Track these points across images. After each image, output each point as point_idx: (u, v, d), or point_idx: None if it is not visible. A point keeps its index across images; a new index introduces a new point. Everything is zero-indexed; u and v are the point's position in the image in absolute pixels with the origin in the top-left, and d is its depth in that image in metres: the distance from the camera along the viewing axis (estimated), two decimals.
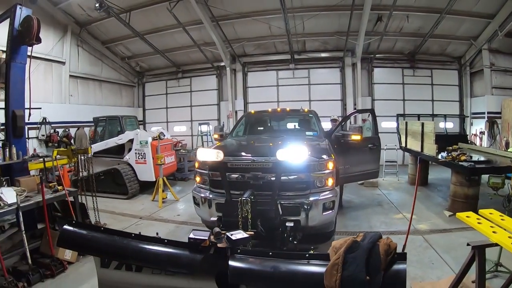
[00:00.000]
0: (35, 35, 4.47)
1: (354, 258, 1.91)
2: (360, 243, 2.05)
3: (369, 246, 1.99)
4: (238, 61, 14.62)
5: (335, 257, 1.96)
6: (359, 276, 1.82)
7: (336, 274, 1.85)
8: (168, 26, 12.50)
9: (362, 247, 2.00)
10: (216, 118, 15.63)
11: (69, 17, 12.08)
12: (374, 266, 1.87)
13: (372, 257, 1.91)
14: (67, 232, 2.84)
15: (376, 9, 10.97)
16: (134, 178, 8.92)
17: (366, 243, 2.04)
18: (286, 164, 4.09)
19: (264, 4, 11.23)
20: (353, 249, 1.98)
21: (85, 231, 2.82)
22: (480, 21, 11.35)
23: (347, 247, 1.98)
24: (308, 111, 7.27)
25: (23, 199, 4.18)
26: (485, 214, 3.42)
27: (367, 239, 2.09)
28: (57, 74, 12.03)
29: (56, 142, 10.85)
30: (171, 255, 2.50)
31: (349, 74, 13.95)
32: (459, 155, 6.96)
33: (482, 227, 3.12)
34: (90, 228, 2.95)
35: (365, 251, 1.96)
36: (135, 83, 16.81)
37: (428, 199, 8.11)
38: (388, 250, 1.96)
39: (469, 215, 3.46)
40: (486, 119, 12.13)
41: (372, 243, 2.02)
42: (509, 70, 12.32)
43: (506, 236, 2.77)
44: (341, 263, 1.88)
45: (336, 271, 1.86)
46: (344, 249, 1.96)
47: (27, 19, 4.59)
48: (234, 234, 2.78)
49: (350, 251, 1.97)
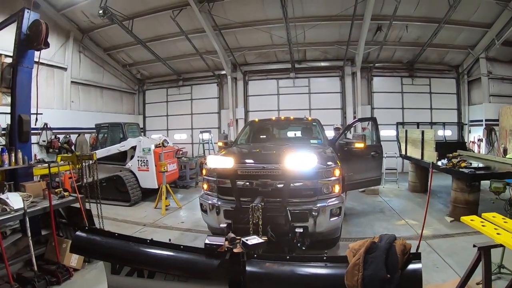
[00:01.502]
0: (43, 39, 4.46)
1: (374, 258, 1.99)
2: (378, 244, 2.12)
3: (386, 247, 2.07)
4: (239, 70, 14.72)
5: (356, 257, 2.02)
6: (380, 274, 1.89)
7: (358, 273, 1.92)
8: (170, 34, 12.61)
9: (380, 248, 2.08)
10: (216, 126, 15.66)
11: (72, 23, 12.15)
12: (392, 265, 1.96)
13: (390, 257, 2.00)
14: (80, 238, 2.83)
15: (376, 19, 11.15)
16: (136, 185, 8.88)
17: (383, 244, 2.12)
18: (296, 171, 4.12)
19: (266, 13, 11.38)
20: (372, 250, 2.05)
21: (98, 237, 2.82)
22: (478, 30, 11.57)
23: (366, 248, 2.05)
24: (311, 119, 7.32)
25: (29, 205, 4.14)
26: (488, 218, 3.50)
27: (384, 240, 2.17)
28: (59, 80, 12.05)
29: (57, 148, 10.81)
30: (187, 260, 2.51)
31: (349, 83, 14.10)
32: (459, 162, 7.07)
33: (486, 230, 3.21)
34: (104, 234, 2.92)
35: (383, 251, 2.04)
36: (135, 91, 16.86)
37: (429, 205, 8.12)
38: (404, 250, 2.06)
39: (473, 219, 3.53)
40: (484, 126, 12.30)
41: (389, 243, 2.11)
42: (506, 78, 12.55)
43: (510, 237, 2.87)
44: (361, 263, 1.95)
45: (358, 270, 1.93)
46: (364, 250, 2.03)
47: (35, 23, 4.58)
48: (249, 239, 2.79)
49: (369, 252, 2.04)
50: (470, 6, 10.31)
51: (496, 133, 12.14)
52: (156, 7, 11.20)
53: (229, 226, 4.22)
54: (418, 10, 10.77)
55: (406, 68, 13.90)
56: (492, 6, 10.32)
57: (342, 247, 5.44)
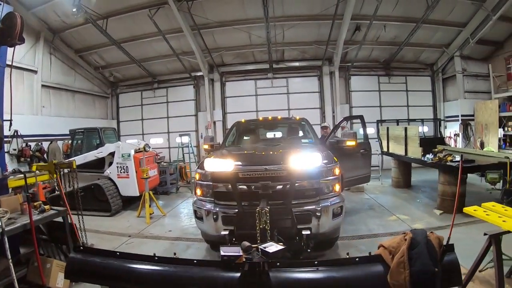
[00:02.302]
0: (18, 34, 3.98)
1: (419, 254, 1.96)
2: (418, 239, 2.08)
3: (425, 241, 2.06)
4: (216, 71, 14.42)
5: (399, 255, 1.97)
6: (429, 269, 1.89)
7: (404, 271, 1.88)
8: (146, 35, 12.13)
9: (421, 243, 2.04)
10: (194, 129, 15.25)
11: (43, 23, 11.32)
12: (434, 259, 1.97)
13: (430, 251, 2.00)
14: (75, 261, 2.45)
15: (356, 19, 11.29)
16: (116, 193, 8.38)
17: (421, 238, 2.09)
18: (300, 171, 3.97)
19: (246, 13, 11.23)
20: (414, 246, 2.02)
21: (97, 258, 2.45)
22: (453, 30, 12.04)
23: (408, 244, 2.01)
24: (300, 118, 7.21)
25: (7, 222, 3.69)
26: (489, 207, 3.60)
27: (419, 235, 2.13)
28: (29, 84, 11.18)
29: (28, 157, 9.97)
30: (205, 276, 2.22)
31: (327, 83, 14.19)
32: (446, 156, 7.26)
33: (491, 218, 3.31)
34: (103, 253, 2.53)
35: (424, 246, 2.02)
36: (108, 94, 16.06)
37: (416, 200, 8.37)
38: (439, 243, 2.09)
39: (476, 209, 3.62)
40: (460, 121, 12.81)
41: (426, 238, 2.09)
42: (480, 75, 13.17)
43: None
44: (406, 260, 1.92)
45: (404, 268, 1.90)
46: (407, 247, 1.99)
47: (9, 16, 4.08)
48: (267, 247, 2.59)
49: (412, 248, 2.00)
50: (446, 6, 10.67)
51: (472, 127, 12.70)
52: (133, 6, 10.71)
53: (231, 233, 3.98)
54: (396, 10, 11.01)
55: (383, 67, 14.21)
56: (467, 6, 10.77)
57: (341, 246, 5.37)
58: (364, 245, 5.36)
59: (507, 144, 11.80)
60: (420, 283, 1.83)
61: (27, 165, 9.82)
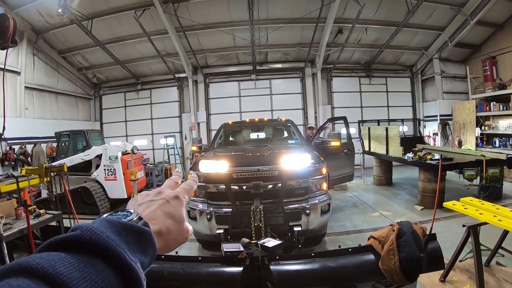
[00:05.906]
0: (11, 36, 3.94)
1: (406, 242, 2.18)
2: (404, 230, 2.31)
3: (411, 231, 2.27)
4: (200, 72, 14.45)
5: (388, 243, 2.19)
6: (415, 254, 2.11)
7: (394, 257, 2.11)
8: (131, 36, 12.05)
9: (407, 233, 2.26)
10: (178, 130, 15.21)
11: (26, 23, 11.06)
12: (420, 246, 2.18)
13: (416, 239, 2.22)
14: None
15: (338, 22, 11.60)
16: (104, 196, 8.34)
17: (407, 229, 2.31)
18: (291, 171, 4.18)
19: (231, 15, 11.36)
20: (402, 235, 2.24)
21: None
22: (432, 33, 12.58)
23: (396, 234, 2.24)
24: (285, 120, 7.43)
25: (3, 228, 3.71)
26: (467, 202, 3.90)
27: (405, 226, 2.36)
28: (12, 86, 10.86)
29: (12, 161, 9.72)
30: (210, 272, 2.38)
31: (309, 84, 14.45)
32: (425, 154, 7.65)
33: (469, 211, 3.62)
34: None
35: (410, 235, 2.24)
36: (91, 96, 15.77)
37: (397, 197, 8.73)
38: (423, 233, 2.31)
39: (455, 203, 3.91)
40: (439, 121, 13.39)
41: (411, 228, 2.32)
42: (458, 77, 13.81)
43: (491, 216, 3.32)
44: (395, 247, 2.15)
45: (393, 255, 2.12)
46: (395, 236, 2.21)
47: (1, 17, 4.05)
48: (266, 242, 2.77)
49: (399, 237, 2.22)
50: (426, 11, 11.13)
51: (450, 127, 13.31)
52: (119, 7, 10.63)
53: (226, 232, 4.15)
54: (378, 14, 11.42)
55: (364, 68, 14.61)
56: (446, 10, 11.26)
57: (328, 242, 5.62)
58: (350, 240, 5.62)
59: (484, 143, 12.26)
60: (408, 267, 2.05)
61: (11, 168, 9.58)
